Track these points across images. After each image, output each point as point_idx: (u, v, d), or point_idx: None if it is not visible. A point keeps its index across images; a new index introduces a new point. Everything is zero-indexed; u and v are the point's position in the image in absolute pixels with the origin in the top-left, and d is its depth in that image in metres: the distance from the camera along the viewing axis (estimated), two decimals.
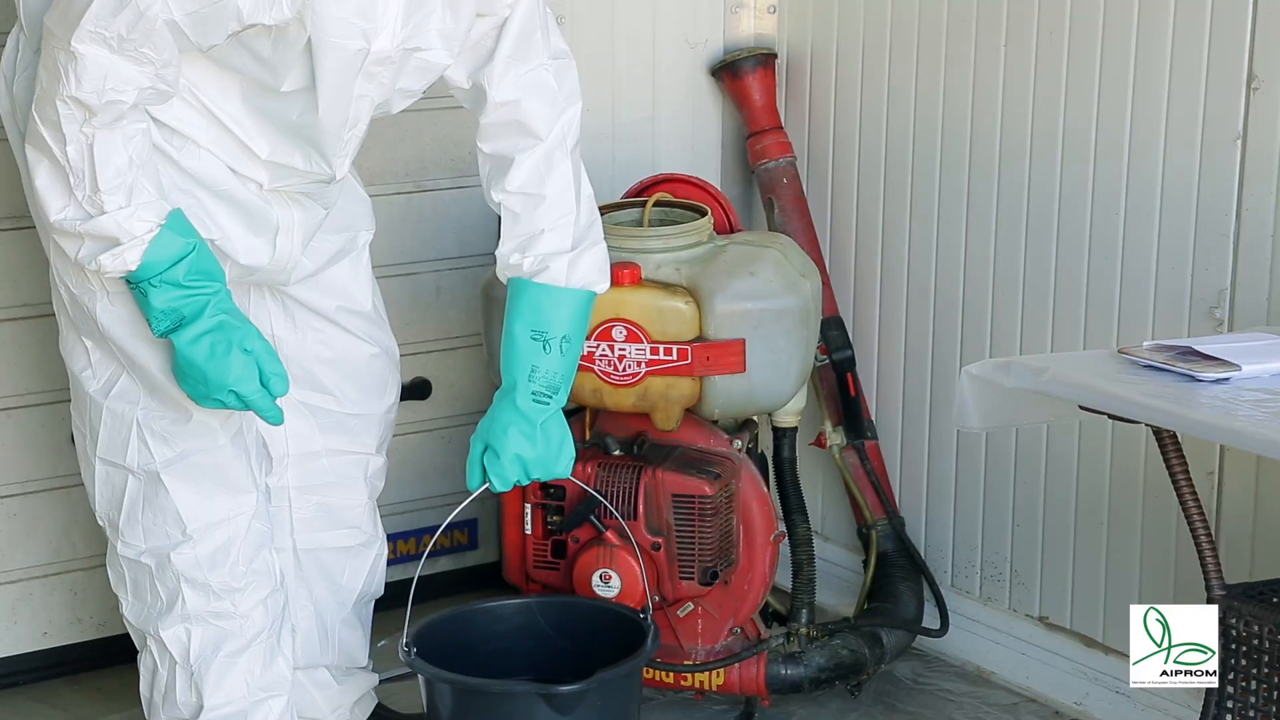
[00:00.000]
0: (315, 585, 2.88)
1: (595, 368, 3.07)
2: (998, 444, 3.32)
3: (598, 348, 3.06)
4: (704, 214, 3.17)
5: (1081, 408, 2.48)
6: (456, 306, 3.54)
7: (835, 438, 3.48)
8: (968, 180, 3.30)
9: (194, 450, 2.60)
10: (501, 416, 2.66)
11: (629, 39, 3.54)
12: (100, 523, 2.68)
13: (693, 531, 3.04)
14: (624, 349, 3.05)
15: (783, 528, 3.24)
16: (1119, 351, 2.58)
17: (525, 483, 2.70)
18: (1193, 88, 2.91)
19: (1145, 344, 2.59)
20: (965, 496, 3.40)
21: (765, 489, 3.18)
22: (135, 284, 2.44)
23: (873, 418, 3.52)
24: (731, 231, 3.26)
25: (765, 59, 3.59)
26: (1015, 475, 3.30)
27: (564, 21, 3.42)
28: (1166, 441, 2.52)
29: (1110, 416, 2.47)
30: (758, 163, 3.57)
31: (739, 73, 3.58)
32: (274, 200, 2.59)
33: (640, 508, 3.04)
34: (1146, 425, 2.47)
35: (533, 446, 2.65)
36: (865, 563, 3.48)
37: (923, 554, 3.46)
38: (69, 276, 2.54)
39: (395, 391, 2.92)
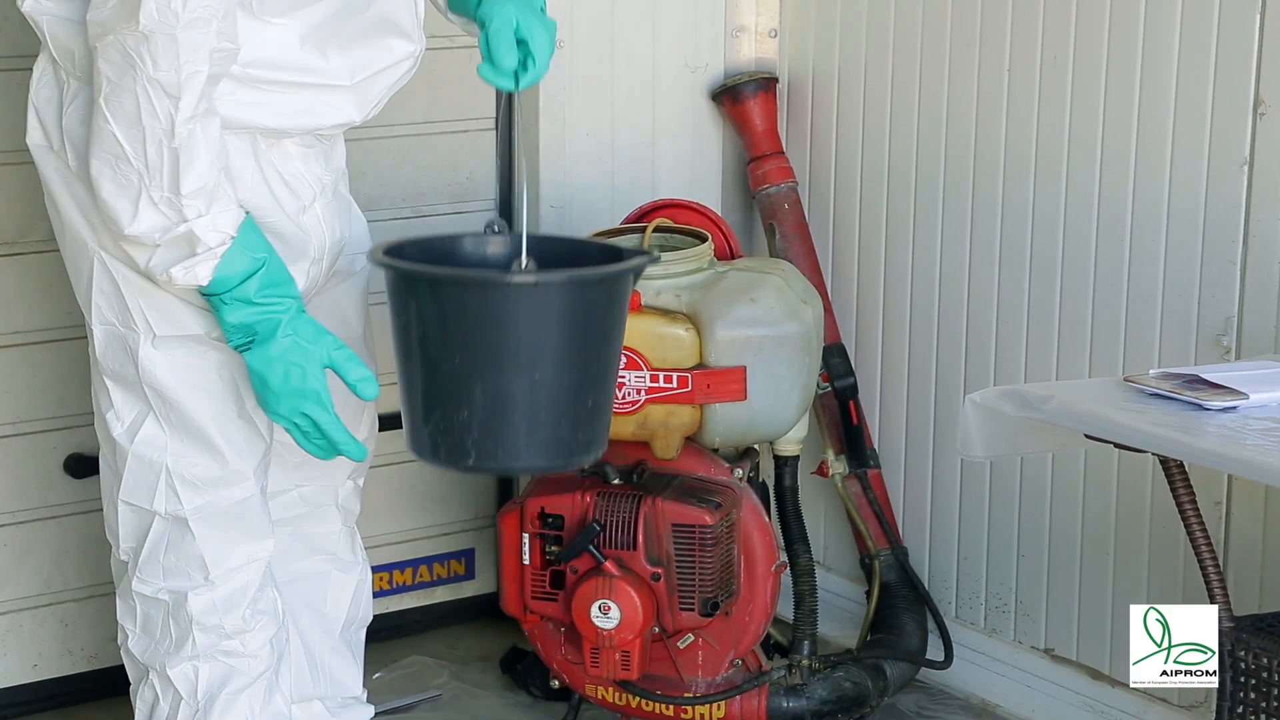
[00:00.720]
0: (300, 616, 2.88)
1: None
2: (1002, 473, 3.32)
3: None
4: (704, 240, 3.18)
5: (1087, 436, 2.48)
6: None
7: (837, 466, 3.48)
8: (971, 206, 3.31)
9: (224, 499, 2.59)
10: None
11: (629, 63, 3.55)
12: (119, 555, 2.68)
13: (693, 562, 3.04)
14: (623, 376, 3.05)
15: (784, 558, 3.25)
16: (1125, 380, 2.58)
17: None
18: (1199, 113, 2.93)
19: (1151, 372, 2.59)
20: (969, 526, 3.41)
21: (767, 518, 3.18)
22: (207, 296, 2.44)
23: (875, 446, 3.53)
24: (732, 257, 3.27)
25: (766, 83, 3.60)
26: (1020, 505, 3.31)
27: (563, 45, 3.44)
28: (1173, 471, 2.53)
29: (1116, 446, 2.47)
30: (759, 188, 3.59)
31: (740, 97, 3.59)
32: (310, 227, 2.59)
33: (640, 537, 3.04)
34: (1153, 455, 2.48)
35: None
36: (868, 593, 3.48)
37: (926, 584, 3.47)
38: (110, 314, 2.52)
39: (372, 421, 2.90)
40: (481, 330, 2.39)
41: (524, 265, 2.47)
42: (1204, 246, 2.94)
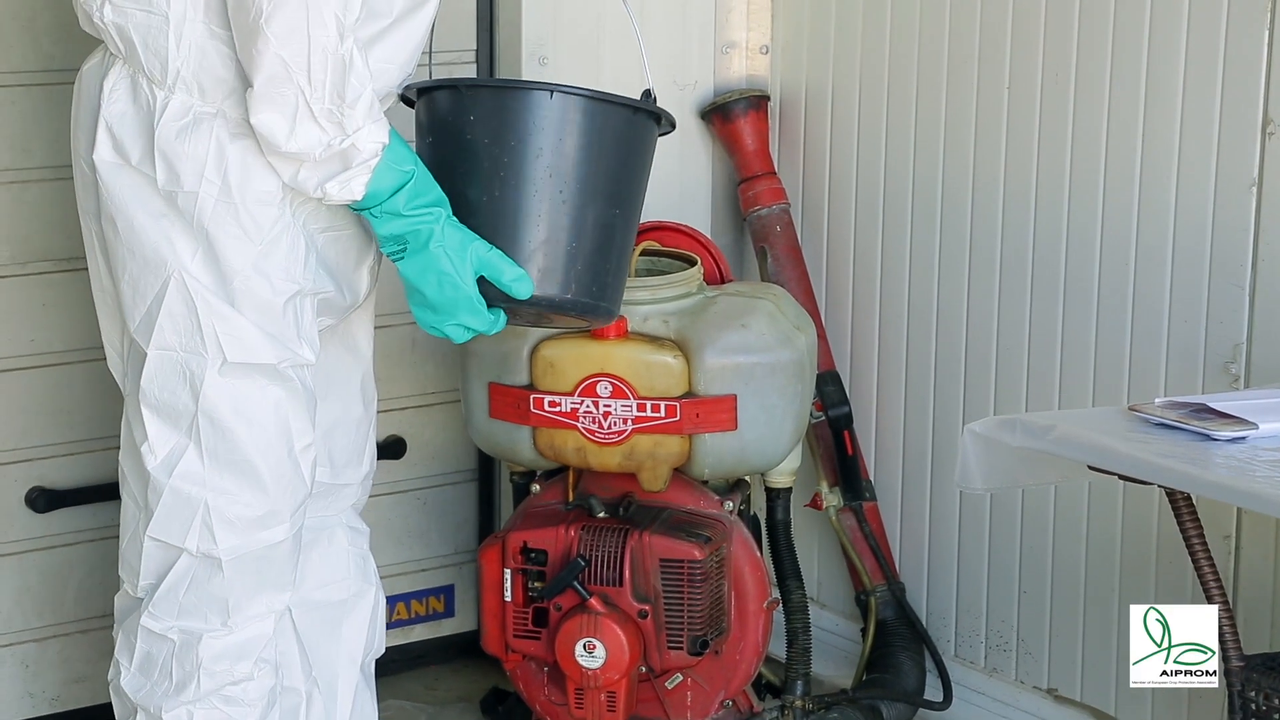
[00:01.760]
0: (319, 646, 2.84)
1: (579, 425, 3.07)
2: (1003, 506, 3.32)
3: (582, 404, 3.06)
4: (693, 264, 3.18)
5: (1090, 468, 2.48)
6: (433, 361, 3.54)
7: (832, 499, 3.48)
8: (970, 228, 3.31)
9: (258, 541, 2.61)
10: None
11: (615, 80, 3.54)
12: (134, 592, 2.67)
13: (682, 598, 3.03)
14: (609, 405, 3.05)
15: (776, 594, 3.24)
16: (1130, 409, 2.58)
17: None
18: (1205, 132, 2.92)
19: (1157, 401, 2.59)
20: (969, 561, 3.40)
21: (758, 553, 3.18)
22: (358, 211, 2.55)
23: (871, 478, 3.52)
24: (722, 282, 3.26)
25: (758, 101, 3.60)
26: (1021, 539, 3.30)
27: (547, 62, 3.44)
28: (1180, 504, 2.52)
29: (1121, 477, 2.47)
30: (750, 210, 3.58)
31: (730, 116, 3.59)
32: (367, 225, 2.65)
33: (626, 573, 3.03)
34: (1159, 486, 2.47)
35: None
36: (864, 631, 3.47)
37: (924, 622, 3.46)
38: (175, 337, 2.54)
39: (372, 455, 2.91)
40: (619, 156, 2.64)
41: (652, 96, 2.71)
42: (1211, 270, 2.94)
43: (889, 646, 3.43)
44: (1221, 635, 2.54)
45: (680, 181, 3.66)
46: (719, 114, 3.60)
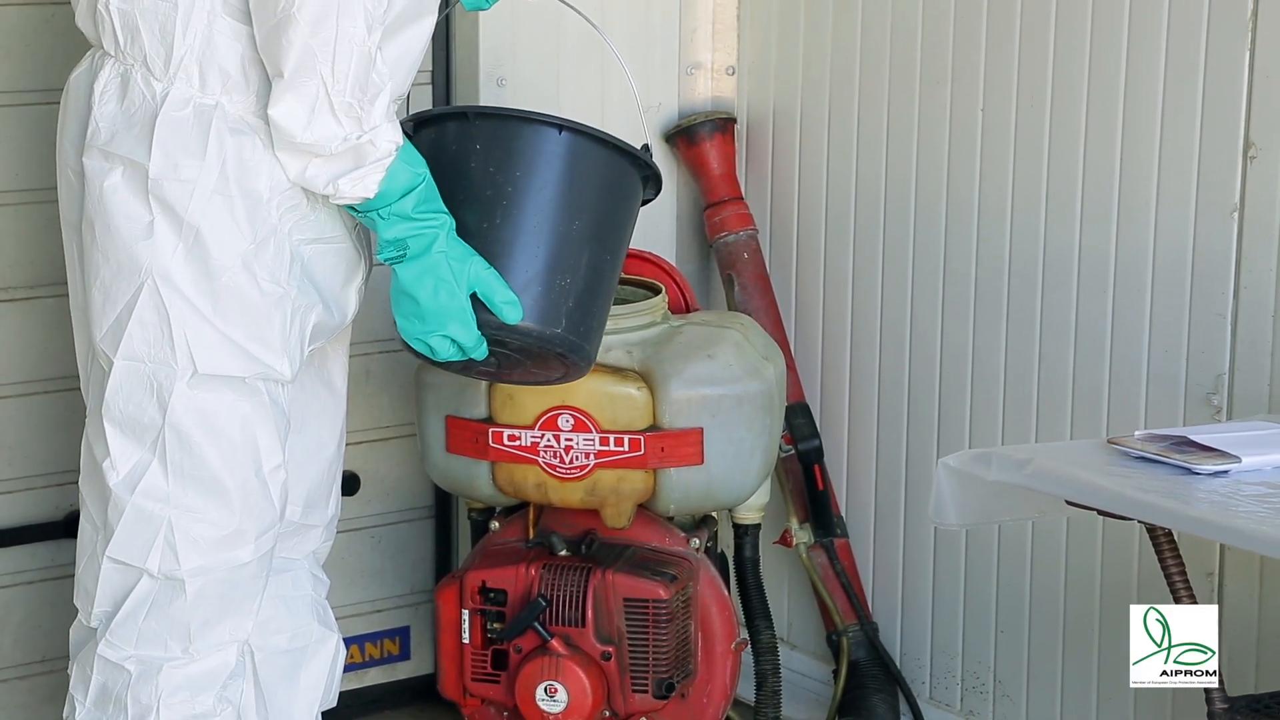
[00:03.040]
0: (275, 694, 2.84)
1: (540, 460, 3.06)
2: (979, 542, 3.32)
3: (542, 438, 3.05)
4: (658, 292, 3.18)
5: (1069, 503, 2.48)
6: (388, 393, 3.53)
7: (802, 535, 3.48)
8: (943, 256, 3.32)
9: (223, 562, 2.61)
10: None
11: (575, 102, 3.55)
12: (88, 621, 2.65)
13: (646, 639, 3.03)
14: (571, 439, 3.05)
15: (745, 635, 3.24)
16: (1109, 442, 2.59)
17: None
18: (1185, 156, 2.94)
19: (1137, 434, 2.60)
20: (944, 600, 3.40)
21: (726, 592, 3.17)
22: (363, 212, 2.56)
23: (842, 513, 3.52)
24: (688, 311, 3.26)
25: (724, 124, 3.61)
26: (998, 577, 3.30)
27: (504, 84, 3.44)
28: (1161, 540, 2.52)
29: (1100, 513, 2.47)
30: (716, 236, 3.59)
31: (695, 139, 3.60)
32: (361, 244, 2.68)
33: (589, 613, 3.03)
34: (1139, 522, 2.48)
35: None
36: (835, 673, 3.47)
37: (898, 663, 3.46)
38: (144, 346, 2.55)
39: (338, 499, 2.90)
40: (605, 194, 2.69)
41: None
42: (1192, 299, 2.95)
43: (862, 689, 3.43)
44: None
45: (644, 207, 3.66)
46: (684, 137, 3.61)
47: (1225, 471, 2.44)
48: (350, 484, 3.52)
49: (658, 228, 3.67)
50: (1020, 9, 3.15)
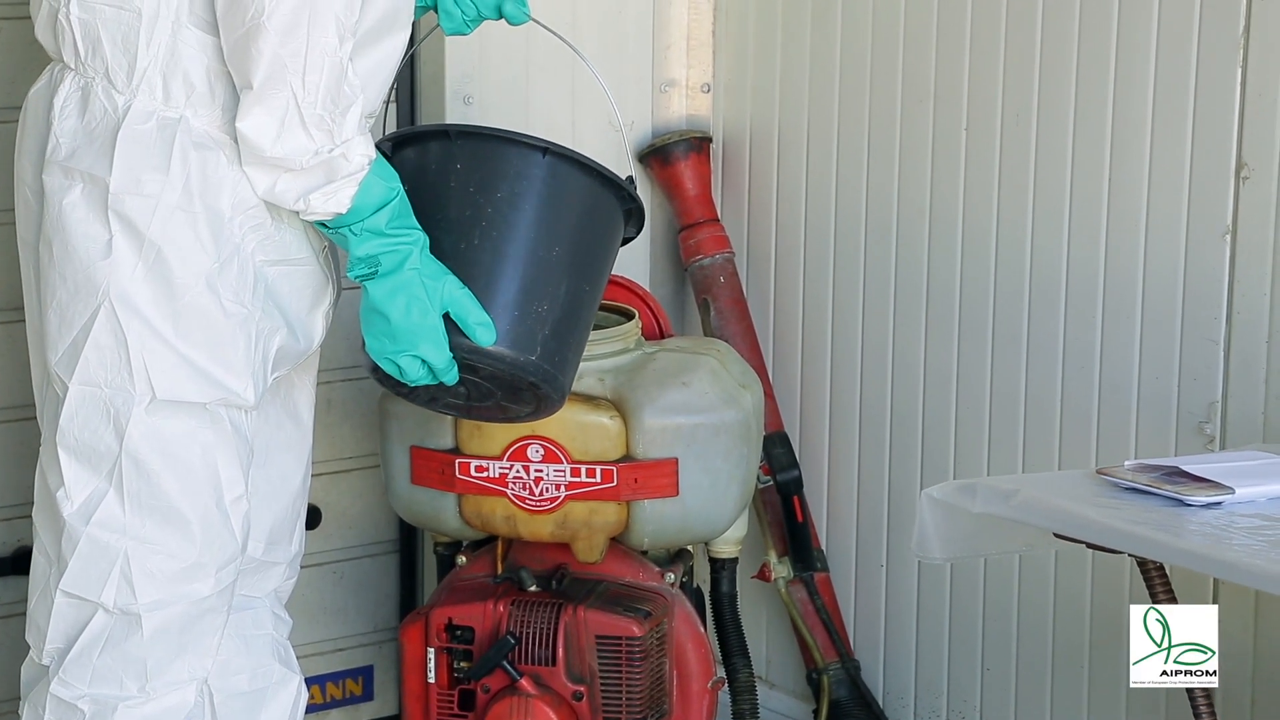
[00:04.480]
0: None
1: (509, 491, 3.06)
2: (964, 576, 3.32)
3: (511, 469, 3.05)
4: (630, 317, 3.18)
5: (1057, 535, 2.49)
6: (350, 422, 3.53)
7: (781, 570, 3.48)
8: (926, 279, 3.33)
9: (181, 596, 2.59)
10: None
11: (545, 121, 3.56)
12: (39, 659, 2.64)
13: (620, 678, 3.03)
14: (541, 470, 3.05)
15: (722, 673, 3.24)
16: (1098, 472, 2.59)
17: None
18: (1176, 177, 2.95)
19: (1127, 464, 2.60)
20: (928, 636, 3.40)
21: (702, 629, 3.17)
22: (334, 228, 2.56)
23: (823, 547, 3.52)
24: (662, 337, 3.27)
25: (699, 143, 3.62)
26: (984, 612, 3.31)
27: (471, 101, 3.44)
28: (1153, 574, 2.53)
29: (1089, 545, 2.48)
30: (691, 259, 3.59)
31: (669, 159, 3.60)
32: (329, 267, 2.68)
33: (560, 651, 3.03)
34: (1130, 555, 2.48)
35: None
36: (816, 712, 3.47)
37: (881, 702, 3.46)
38: (100, 371, 2.53)
39: (301, 536, 2.90)
40: (584, 223, 2.69)
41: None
42: (1183, 324, 2.96)
43: None
44: (1198, 713, 2.55)
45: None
46: (657, 157, 3.61)
47: (1218, 503, 2.44)
48: (312, 517, 3.50)
49: (631, 250, 3.64)
50: (1005, 24, 3.16)
